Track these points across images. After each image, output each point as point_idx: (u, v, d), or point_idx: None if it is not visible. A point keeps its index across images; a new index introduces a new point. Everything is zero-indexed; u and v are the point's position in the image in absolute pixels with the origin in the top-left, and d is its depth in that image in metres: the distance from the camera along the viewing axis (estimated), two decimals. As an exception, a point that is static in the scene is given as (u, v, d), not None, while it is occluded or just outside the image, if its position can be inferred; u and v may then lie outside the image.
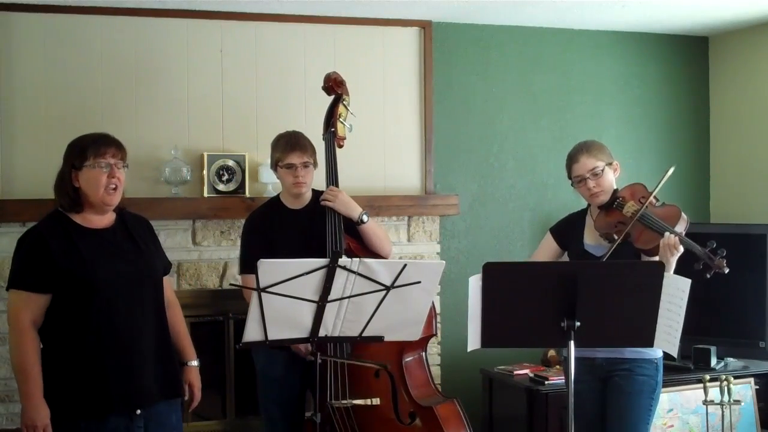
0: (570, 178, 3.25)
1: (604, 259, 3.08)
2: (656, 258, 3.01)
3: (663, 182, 3.14)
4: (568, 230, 3.34)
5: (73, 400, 2.71)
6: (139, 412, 2.75)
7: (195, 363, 3.02)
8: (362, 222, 3.47)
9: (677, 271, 2.96)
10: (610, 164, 3.21)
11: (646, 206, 3.11)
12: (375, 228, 3.55)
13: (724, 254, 2.96)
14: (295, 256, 2.65)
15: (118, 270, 2.76)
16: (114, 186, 2.78)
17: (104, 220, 2.85)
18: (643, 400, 3.13)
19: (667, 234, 2.99)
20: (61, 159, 2.84)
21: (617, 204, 3.16)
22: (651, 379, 3.14)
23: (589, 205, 3.31)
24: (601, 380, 3.17)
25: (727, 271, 2.95)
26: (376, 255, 3.48)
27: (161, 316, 2.89)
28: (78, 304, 2.71)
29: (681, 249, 2.98)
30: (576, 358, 2.72)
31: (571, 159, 3.23)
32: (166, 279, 3.01)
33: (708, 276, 2.98)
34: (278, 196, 3.61)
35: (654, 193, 3.15)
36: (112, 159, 2.79)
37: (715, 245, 2.98)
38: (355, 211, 3.47)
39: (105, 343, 2.72)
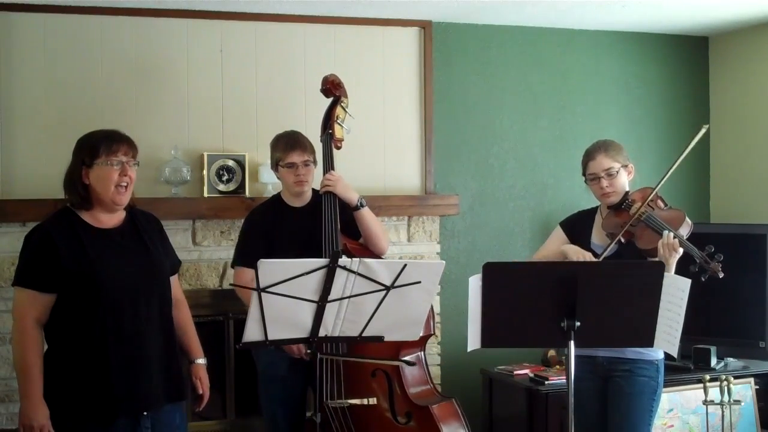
0: (584, 174, 3.27)
1: (602, 257, 3.10)
2: (656, 259, 3.02)
3: (693, 144, 3.16)
4: (578, 226, 3.35)
5: (80, 403, 2.69)
6: (146, 413, 2.75)
7: (202, 361, 3.03)
8: (361, 206, 3.48)
9: (676, 272, 2.97)
10: (625, 166, 3.23)
11: (653, 208, 3.14)
12: (372, 217, 3.55)
13: (721, 259, 2.99)
14: (296, 254, 2.65)
15: (124, 271, 2.74)
16: (125, 184, 2.76)
17: (114, 218, 2.82)
18: (644, 401, 3.13)
19: (666, 233, 3.01)
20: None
21: (626, 205, 3.19)
22: (652, 380, 3.14)
23: (599, 204, 3.33)
24: (603, 379, 3.18)
25: (721, 275, 2.98)
26: (373, 252, 3.50)
27: (167, 317, 2.87)
28: (83, 304, 2.69)
29: (680, 250, 3.00)
30: (577, 357, 2.72)
31: (588, 156, 3.26)
32: (173, 278, 2.99)
33: (703, 279, 3.02)
34: (279, 194, 3.61)
35: (661, 184, 3.17)
36: (123, 156, 2.76)
37: (713, 250, 3.00)
38: (354, 195, 3.49)
39: (110, 344, 2.70)
